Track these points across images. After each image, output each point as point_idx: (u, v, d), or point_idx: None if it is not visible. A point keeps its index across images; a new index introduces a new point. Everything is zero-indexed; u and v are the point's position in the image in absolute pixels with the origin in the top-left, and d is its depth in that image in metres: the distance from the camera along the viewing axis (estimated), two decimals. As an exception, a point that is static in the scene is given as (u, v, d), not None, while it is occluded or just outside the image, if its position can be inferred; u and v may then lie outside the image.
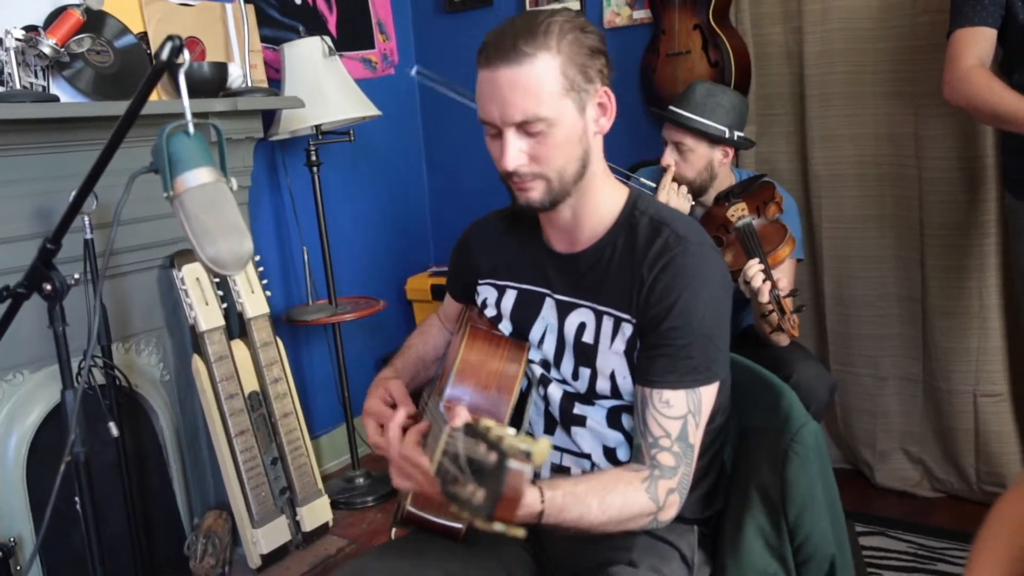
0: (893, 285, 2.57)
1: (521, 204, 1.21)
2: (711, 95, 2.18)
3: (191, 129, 1.15)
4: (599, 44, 1.17)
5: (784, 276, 1.91)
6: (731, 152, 2.21)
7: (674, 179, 2.17)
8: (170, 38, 1.06)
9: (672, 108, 2.19)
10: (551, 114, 1.13)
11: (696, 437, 1.17)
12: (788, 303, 1.87)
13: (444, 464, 0.89)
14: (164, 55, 1.06)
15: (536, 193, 1.19)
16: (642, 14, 2.93)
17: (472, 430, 0.86)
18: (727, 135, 2.15)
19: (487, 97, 1.14)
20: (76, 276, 1.34)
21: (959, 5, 1.94)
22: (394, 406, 1.28)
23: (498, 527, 0.82)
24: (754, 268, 1.89)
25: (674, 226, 1.21)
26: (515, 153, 1.15)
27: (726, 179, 2.23)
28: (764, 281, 1.86)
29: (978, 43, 1.91)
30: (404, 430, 1.13)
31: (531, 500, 1.02)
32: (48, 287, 1.29)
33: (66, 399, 1.35)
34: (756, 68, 2.65)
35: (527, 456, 0.80)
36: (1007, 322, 2.40)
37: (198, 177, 1.14)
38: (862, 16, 2.47)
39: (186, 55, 1.11)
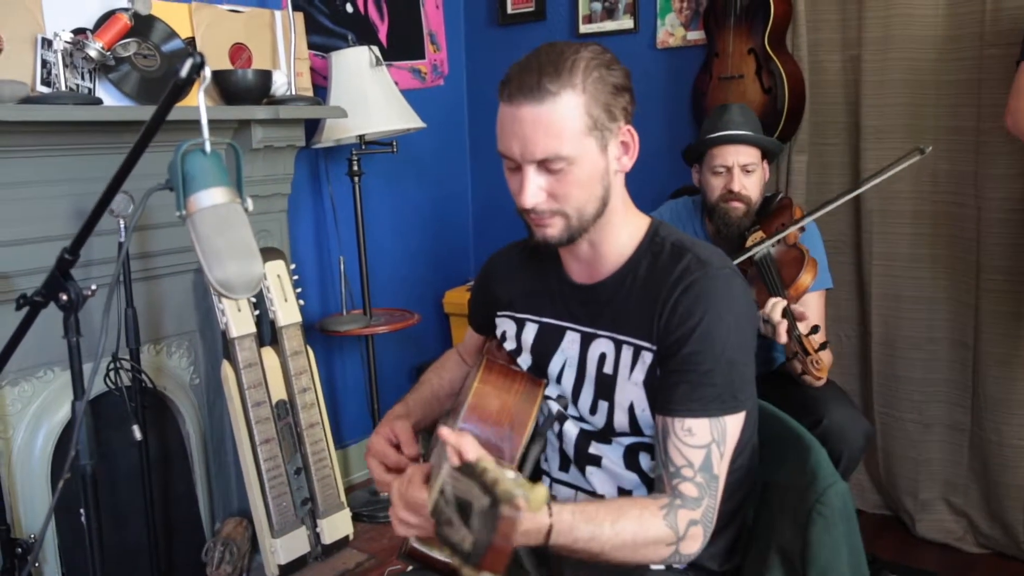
0: (944, 328, 2.45)
1: (538, 239, 1.20)
2: (746, 113, 2.15)
3: (207, 147, 1.13)
4: (624, 81, 1.16)
5: (810, 310, 1.82)
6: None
7: (741, 201, 2.07)
8: (191, 55, 1.04)
9: (731, 132, 2.10)
10: (573, 152, 1.12)
11: (721, 468, 1.13)
12: (810, 342, 1.78)
13: (440, 504, 0.85)
14: (184, 72, 1.04)
15: (554, 230, 1.18)
16: (696, 35, 2.86)
17: (469, 470, 0.81)
18: (778, 147, 2.13)
19: (508, 132, 1.14)
20: (93, 288, 1.33)
21: None
22: (398, 447, 1.27)
23: None
24: (771, 305, 1.82)
25: (696, 251, 1.19)
26: (534, 190, 1.14)
27: None
28: (782, 319, 1.78)
29: None
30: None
31: (539, 516, 0.98)
32: (64, 297, 1.28)
33: (76, 410, 1.34)
34: (811, 96, 2.56)
35: (523, 501, 0.75)
36: (1065, 375, 2.27)
37: (212, 197, 1.12)
38: (927, 47, 2.37)
39: (207, 72, 1.08)
